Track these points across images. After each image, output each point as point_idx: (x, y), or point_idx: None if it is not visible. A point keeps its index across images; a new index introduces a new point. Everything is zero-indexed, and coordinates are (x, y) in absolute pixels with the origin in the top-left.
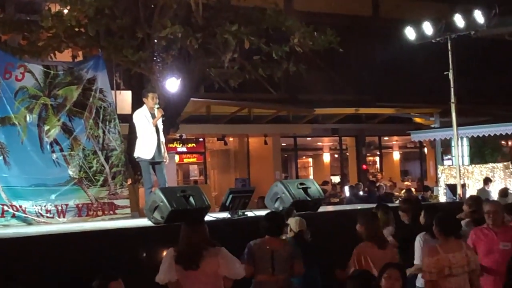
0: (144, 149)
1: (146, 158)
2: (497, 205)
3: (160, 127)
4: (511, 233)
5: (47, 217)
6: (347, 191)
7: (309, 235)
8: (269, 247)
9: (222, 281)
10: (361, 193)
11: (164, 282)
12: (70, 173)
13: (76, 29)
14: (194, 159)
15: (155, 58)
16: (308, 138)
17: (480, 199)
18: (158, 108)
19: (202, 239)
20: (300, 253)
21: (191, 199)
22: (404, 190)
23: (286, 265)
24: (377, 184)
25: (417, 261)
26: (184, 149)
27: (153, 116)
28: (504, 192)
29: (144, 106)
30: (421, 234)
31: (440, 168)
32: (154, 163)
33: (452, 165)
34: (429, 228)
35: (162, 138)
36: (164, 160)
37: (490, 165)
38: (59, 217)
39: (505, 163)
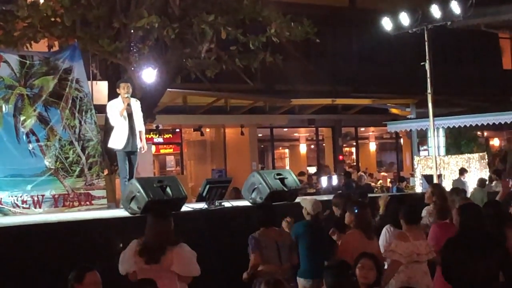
0: (115, 139)
1: (117, 148)
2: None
3: (138, 116)
4: None
5: (23, 207)
6: (323, 181)
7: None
8: (272, 238)
9: (176, 279)
10: (334, 183)
11: (123, 273)
12: (46, 163)
13: (52, 19)
14: (171, 150)
15: (131, 49)
16: (285, 129)
17: (441, 187)
18: (126, 97)
19: (168, 234)
20: (295, 243)
21: (168, 189)
22: (380, 181)
23: (289, 254)
24: (359, 174)
25: (381, 249)
26: (160, 139)
27: (129, 106)
28: (482, 182)
29: (119, 96)
30: (387, 226)
31: (416, 158)
32: (129, 153)
33: (428, 155)
34: (394, 219)
35: (141, 128)
36: (139, 151)
37: (466, 155)
38: (35, 208)
39: (480, 154)
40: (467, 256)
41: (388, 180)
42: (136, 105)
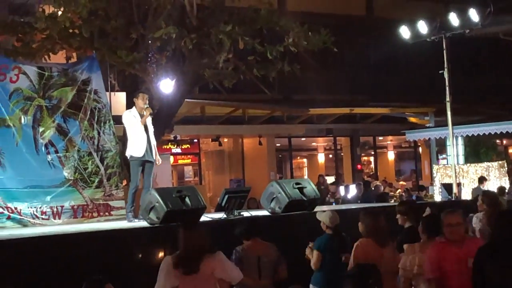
0: (135, 147)
1: (137, 156)
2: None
3: (151, 129)
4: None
5: (43, 218)
6: (342, 191)
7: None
8: (255, 252)
9: (217, 285)
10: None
11: None
12: (65, 174)
13: (70, 31)
14: (189, 160)
15: (149, 59)
16: (303, 139)
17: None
18: (147, 108)
19: (202, 242)
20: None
21: (187, 199)
22: (399, 190)
23: (271, 270)
24: (375, 184)
25: None
26: (178, 150)
27: (142, 117)
28: (501, 190)
29: (134, 107)
30: None
31: (435, 167)
32: (145, 162)
33: (447, 164)
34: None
35: (154, 141)
36: (156, 162)
37: (485, 164)
38: (54, 219)
39: (500, 162)
40: (503, 266)
41: (408, 189)
42: (148, 117)
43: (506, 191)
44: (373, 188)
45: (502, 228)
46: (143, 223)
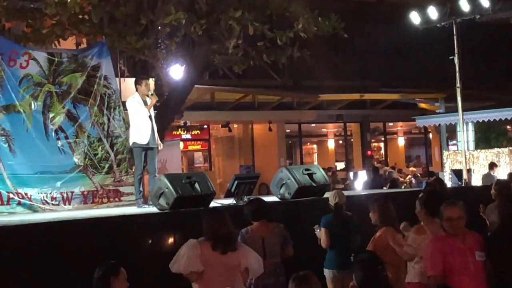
0: (139, 134)
1: (141, 143)
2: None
3: (152, 114)
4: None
5: (53, 204)
6: (351, 177)
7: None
8: (259, 234)
9: (241, 274)
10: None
11: (186, 272)
12: (75, 160)
13: (80, 16)
14: (199, 146)
15: (159, 45)
16: (313, 125)
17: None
18: (152, 95)
19: (231, 227)
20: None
21: (196, 185)
22: (409, 176)
23: (277, 249)
24: (387, 170)
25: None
26: (188, 136)
27: (145, 103)
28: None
29: (136, 93)
30: None
31: (445, 153)
32: (148, 149)
33: (458, 150)
34: None
35: (155, 126)
36: (158, 147)
37: (495, 150)
38: (64, 205)
39: (510, 148)
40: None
41: (418, 175)
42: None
43: None
44: (386, 174)
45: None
46: (153, 209)
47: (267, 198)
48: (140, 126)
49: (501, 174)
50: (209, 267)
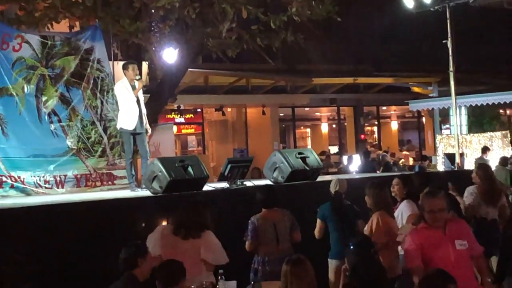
0: (126, 120)
1: (128, 129)
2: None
3: (141, 98)
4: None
5: (46, 187)
6: (345, 160)
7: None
8: (271, 220)
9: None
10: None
11: (155, 254)
12: (69, 143)
13: (73, 0)
14: (192, 130)
15: (152, 29)
16: (306, 108)
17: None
18: (139, 79)
19: (201, 218)
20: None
21: (189, 169)
22: (402, 160)
23: (287, 235)
24: (381, 154)
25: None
26: (182, 119)
27: (134, 88)
28: (504, 161)
29: (124, 78)
30: (405, 200)
31: (438, 137)
32: (135, 134)
33: (450, 134)
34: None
35: (144, 110)
36: (147, 132)
37: (488, 134)
38: (57, 188)
39: (503, 132)
40: None
41: (411, 159)
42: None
43: (510, 161)
44: (380, 158)
45: None
46: (146, 193)
47: (259, 182)
48: (127, 111)
49: (493, 158)
50: (167, 251)
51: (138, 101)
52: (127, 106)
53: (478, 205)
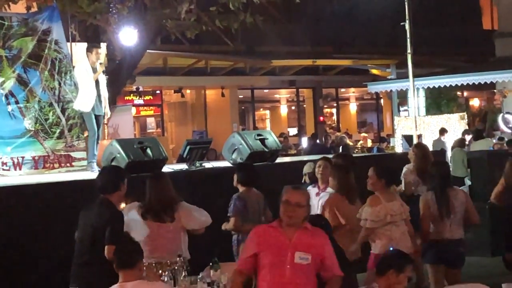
0: (83, 101)
1: (84, 111)
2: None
3: (103, 82)
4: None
5: (3, 169)
6: (304, 142)
7: None
8: (254, 198)
9: (185, 233)
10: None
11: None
12: (26, 125)
13: None
14: (151, 112)
15: (110, 9)
16: (265, 90)
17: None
18: (101, 64)
19: (172, 192)
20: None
21: (148, 150)
22: (360, 141)
23: (263, 212)
24: (340, 136)
25: None
26: (141, 101)
27: (94, 70)
28: (461, 143)
29: (86, 59)
30: None
31: (396, 119)
32: (96, 116)
33: (408, 116)
34: None
35: (105, 94)
36: (105, 115)
37: (445, 115)
38: (15, 170)
39: (460, 114)
40: None
41: (369, 140)
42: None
43: (466, 143)
44: (338, 139)
45: None
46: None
47: (216, 164)
48: (85, 93)
49: (451, 139)
50: (155, 231)
51: (97, 84)
52: (86, 88)
53: (416, 183)
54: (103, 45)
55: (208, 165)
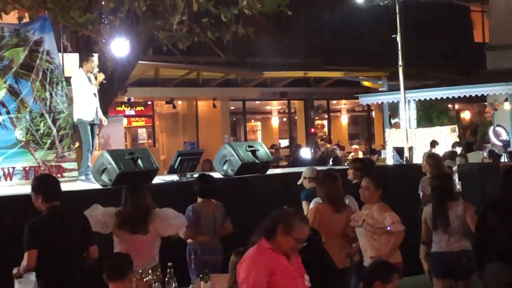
0: (84, 111)
1: (87, 120)
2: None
3: (96, 90)
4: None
5: None
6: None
7: None
8: (210, 210)
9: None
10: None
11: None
12: (17, 135)
13: None
14: (143, 123)
15: (102, 20)
16: (257, 102)
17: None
18: (99, 72)
19: (148, 202)
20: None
21: (139, 161)
22: (352, 153)
23: (221, 226)
24: (331, 147)
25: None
26: (132, 112)
27: (89, 80)
28: (452, 155)
29: (81, 69)
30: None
31: (387, 131)
32: (92, 125)
33: (400, 128)
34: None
35: (97, 102)
36: (101, 122)
37: (437, 128)
38: (5, 180)
39: (451, 126)
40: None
41: (361, 152)
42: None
43: (458, 154)
44: (329, 151)
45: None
46: (95, 185)
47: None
48: (85, 102)
49: (441, 152)
50: (129, 241)
51: (95, 94)
52: (85, 97)
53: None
54: (95, 56)
55: None
